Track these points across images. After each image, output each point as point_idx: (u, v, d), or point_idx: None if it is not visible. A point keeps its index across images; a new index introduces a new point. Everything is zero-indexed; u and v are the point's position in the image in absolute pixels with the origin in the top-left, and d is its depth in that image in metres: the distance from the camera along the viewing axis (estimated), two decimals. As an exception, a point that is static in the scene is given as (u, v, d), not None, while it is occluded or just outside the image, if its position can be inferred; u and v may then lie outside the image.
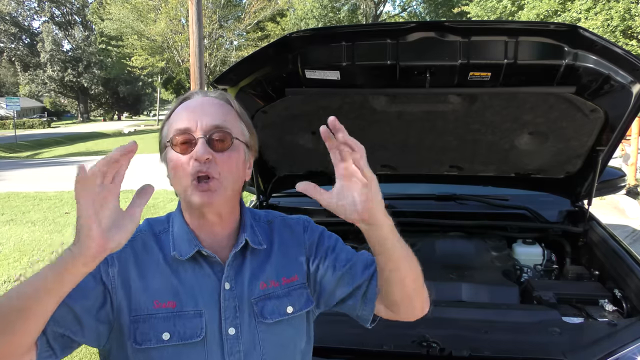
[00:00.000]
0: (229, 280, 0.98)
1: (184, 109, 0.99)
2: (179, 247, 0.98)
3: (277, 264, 1.04)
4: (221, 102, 1.01)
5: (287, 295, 1.03)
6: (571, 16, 12.79)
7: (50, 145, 24.91)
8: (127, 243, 0.90)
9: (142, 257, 0.98)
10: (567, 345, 1.45)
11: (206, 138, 0.93)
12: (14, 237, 6.47)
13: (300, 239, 1.10)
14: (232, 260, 0.99)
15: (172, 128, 0.97)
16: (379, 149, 2.24)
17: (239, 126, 1.00)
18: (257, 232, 1.05)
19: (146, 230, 1.02)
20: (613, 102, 1.78)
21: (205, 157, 0.91)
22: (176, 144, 0.95)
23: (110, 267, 0.94)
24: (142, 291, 0.94)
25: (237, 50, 26.55)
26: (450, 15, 27.47)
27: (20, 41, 51.12)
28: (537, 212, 2.37)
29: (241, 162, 0.99)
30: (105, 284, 0.93)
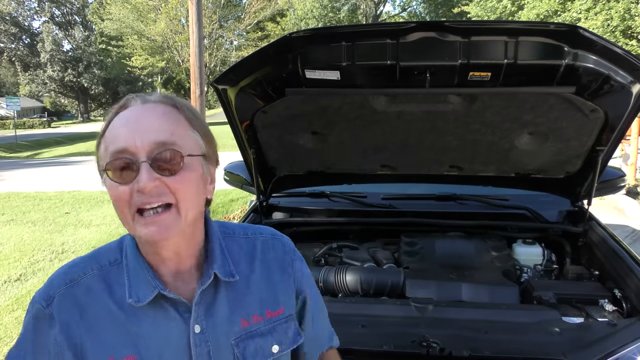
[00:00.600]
0: (198, 321, 0.83)
1: (119, 124, 0.79)
2: (136, 289, 0.82)
3: (259, 293, 0.90)
4: (166, 108, 0.81)
5: (271, 332, 0.89)
6: (571, 16, 12.79)
7: (51, 145, 24.91)
8: (67, 294, 0.82)
9: (88, 307, 0.82)
10: (567, 345, 1.44)
11: (150, 161, 0.75)
12: (14, 237, 6.48)
13: (289, 267, 0.96)
14: (200, 298, 0.84)
15: (108, 149, 0.78)
16: (379, 149, 2.24)
17: (191, 137, 0.81)
18: (228, 259, 0.89)
19: (90, 271, 0.84)
20: (613, 102, 1.78)
21: (152, 187, 0.75)
22: (114, 170, 0.76)
23: (51, 328, 0.80)
24: (93, 348, 0.80)
25: (237, 50, 26.58)
26: (450, 15, 27.47)
27: (20, 41, 51.10)
28: (537, 212, 2.37)
29: (199, 181, 0.82)
30: (50, 349, 0.80)
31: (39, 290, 0.85)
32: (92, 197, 8.99)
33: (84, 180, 11.06)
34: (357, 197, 2.56)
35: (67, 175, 12.37)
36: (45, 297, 0.82)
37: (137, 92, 6.52)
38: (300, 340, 0.93)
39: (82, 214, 7.70)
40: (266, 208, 2.54)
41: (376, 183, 2.54)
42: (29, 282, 4.83)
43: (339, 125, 2.11)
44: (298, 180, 2.50)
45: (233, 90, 1.90)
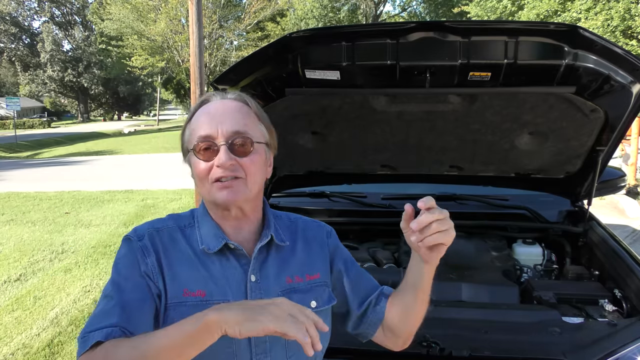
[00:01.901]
0: (254, 272, 1.01)
1: (204, 114, 1.01)
2: (207, 240, 1.01)
3: (300, 261, 1.08)
4: (240, 104, 1.02)
5: (310, 291, 1.06)
6: (571, 16, 12.79)
7: (50, 145, 24.91)
8: (154, 235, 1.02)
9: (170, 249, 1.00)
10: (567, 345, 1.44)
11: (228, 144, 0.96)
12: (14, 237, 6.48)
13: (324, 242, 1.15)
14: (258, 254, 1.02)
15: (194, 134, 0.99)
16: (379, 149, 2.24)
17: (258, 128, 1.03)
18: (279, 230, 1.09)
19: (171, 225, 1.05)
20: (613, 102, 1.78)
21: (229, 164, 0.95)
22: (199, 150, 0.98)
23: (148, 257, 0.98)
24: (172, 280, 0.97)
25: (237, 50, 26.57)
26: (450, 15, 27.47)
27: (20, 41, 51.13)
28: (537, 212, 2.37)
29: (263, 163, 1.03)
30: (148, 274, 0.96)
31: (126, 235, 1.02)
32: (92, 197, 8.99)
33: (84, 180, 11.08)
34: (357, 197, 2.56)
35: (67, 175, 12.37)
36: (136, 235, 1.01)
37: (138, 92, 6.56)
38: (333, 301, 1.10)
39: (82, 214, 7.71)
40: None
41: (376, 183, 2.54)
42: (29, 282, 4.83)
43: (339, 125, 2.11)
44: (298, 180, 2.50)
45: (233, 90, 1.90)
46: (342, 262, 1.16)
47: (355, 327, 1.15)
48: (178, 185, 9.71)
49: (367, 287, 1.16)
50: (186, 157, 1.04)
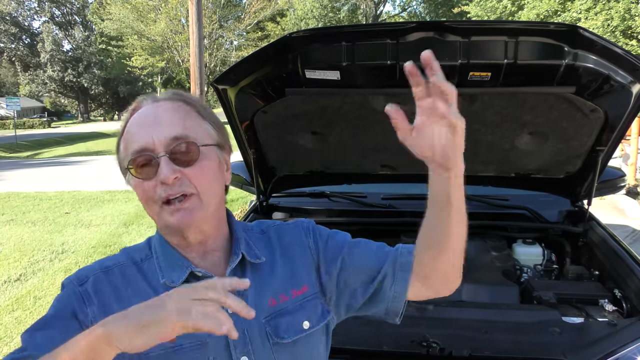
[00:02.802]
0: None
1: (135, 124, 0.84)
2: (168, 272, 0.86)
3: (283, 275, 0.93)
4: (176, 104, 0.86)
5: (300, 309, 0.91)
6: (571, 16, 12.80)
7: (50, 145, 24.91)
8: (101, 277, 0.85)
9: (123, 290, 0.85)
10: (567, 345, 1.44)
11: (168, 154, 0.80)
12: (14, 237, 6.48)
13: (303, 244, 0.98)
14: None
15: (128, 149, 0.83)
16: (379, 149, 2.24)
17: (203, 128, 0.86)
18: (252, 245, 0.93)
19: (124, 261, 0.89)
20: (613, 102, 1.78)
21: (173, 178, 0.79)
22: (136, 167, 0.81)
23: (88, 306, 0.82)
24: None
25: (237, 50, 26.57)
26: (450, 15, 27.48)
27: (20, 41, 51.11)
28: (537, 212, 2.37)
29: (216, 169, 0.87)
30: (86, 326, 0.78)
31: (67, 278, 0.87)
32: (92, 197, 8.99)
33: (84, 180, 11.07)
34: (357, 197, 2.56)
35: (67, 175, 12.36)
36: (77, 278, 0.86)
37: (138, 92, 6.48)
38: (328, 316, 0.94)
39: (82, 214, 7.70)
40: (266, 208, 2.54)
41: (376, 183, 2.54)
42: (29, 282, 4.83)
43: (339, 125, 2.11)
44: (298, 180, 2.50)
45: (233, 90, 1.90)
46: (330, 256, 0.96)
47: (379, 309, 0.96)
48: (178, 185, 9.69)
49: (370, 262, 0.95)
50: (126, 178, 0.86)
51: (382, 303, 0.95)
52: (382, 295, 0.94)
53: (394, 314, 0.95)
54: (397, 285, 0.93)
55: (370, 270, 0.95)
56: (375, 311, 0.97)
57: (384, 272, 0.94)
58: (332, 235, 1.00)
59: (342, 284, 0.96)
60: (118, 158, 0.87)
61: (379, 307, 0.95)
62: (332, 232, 1.02)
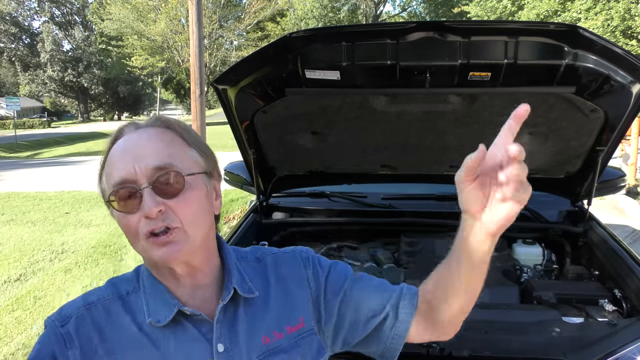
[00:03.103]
0: (222, 340, 0.81)
1: (116, 153, 0.80)
2: (155, 311, 0.81)
3: (277, 310, 0.88)
4: (159, 130, 0.82)
5: (295, 347, 0.87)
6: (571, 16, 12.79)
7: (50, 145, 24.90)
8: (84, 315, 0.81)
9: (107, 330, 0.80)
10: (567, 345, 1.44)
11: (151, 186, 0.76)
12: (14, 237, 6.48)
13: (301, 276, 0.94)
14: (222, 316, 0.83)
15: (109, 181, 0.79)
16: (379, 149, 2.24)
17: (188, 155, 0.82)
18: (245, 277, 0.89)
19: (109, 296, 0.84)
20: (613, 102, 1.78)
21: (157, 211, 0.75)
22: (118, 200, 0.77)
23: (70, 349, 0.78)
24: None
25: (237, 50, 26.57)
26: (450, 15, 27.47)
27: (20, 41, 51.10)
28: (537, 212, 2.37)
29: (203, 199, 0.82)
30: None
31: (49, 316, 0.83)
32: (92, 197, 8.99)
33: (84, 180, 11.06)
34: (357, 197, 2.56)
35: (67, 175, 12.36)
36: (60, 317, 0.82)
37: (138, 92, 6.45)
38: (325, 354, 0.91)
39: (82, 214, 7.70)
40: (266, 208, 2.54)
41: (376, 183, 2.54)
42: (29, 282, 4.83)
43: (339, 125, 2.11)
44: (298, 180, 2.50)
45: (233, 90, 1.90)
46: (331, 290, 0.93)
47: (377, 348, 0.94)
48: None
49: (373, 300, 0.92)
50: (110, 211, 0.81)
51: (381, 344, 0.92)
52: (382, 335, 0.92)
53: (390, 355, 0.93)
54: (399, 327, 0.91)
55: (372, 307, 0.92)
56: (373, 351, 0.95)
57: (386, 312, 0.91)
58: (333, 266, 0.97)
59: (342, 317, 0.93)
60: (100, 189, 0.83)
61: (377, 346, 0.93)
62: (332, 262, 0.98)
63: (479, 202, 0.72)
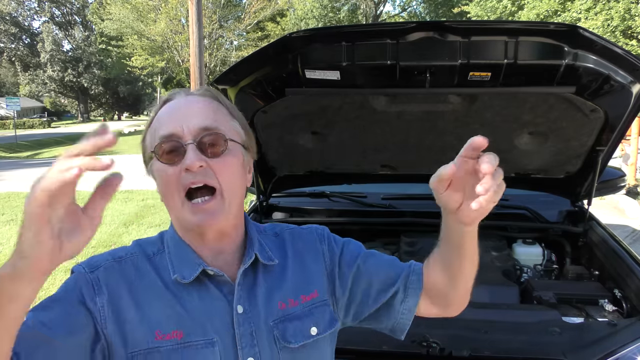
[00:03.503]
0: (241, 302, 0.86)
1: (166, 113, 0.86)
2: (180, 268, 0.85)
3: (293, 280, 0.93)
4: (208, 99, 0.88)
5: (309, 315, 0.91)
6: (571, 16, 12.79)
7: (50, 145, 24.90)
8: (114, 267, 0.85)
9: (135, 283, 0.84)
10: (567, 345, 1.44)
11: (196, 143, 0.81)
12: (14, 237, 6.47)
13: (317, 250, 0.98)
14: (243, 279, 0.88)
15: (155, 135, 0.84)
16: (379, 149, 2.24)
17: (231, 125, 0.88)
18: (265, 247, 0.94)
19: (136, 253, 0.89)
20: (613, 102, 1.78)
21: (198, 165, 0.79)
22: (162, 153, 0.82)
23: (98, 295, 0.81)
24: (139, 322, 0.81)
25: (237, 50, 26.54)
26: (450, 15, 27.46)
27: (20, 41, 51.11)
28: (537, 212, 2.37)
29: (240, 166, 0.87)
30: (94, 315, 0.79)
31: (77, 264, 0.86)
32: (92, 197, 8.98)
33: (84, 180, 11.05)
34: (357, 197, 2.56)
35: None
36: (89, 265, 0.85)
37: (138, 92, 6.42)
38: (336, 324, 0.95)
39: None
40: (266, 208, 2.54)
41: (376, 183, 2.54)
42: (29, 282, 4.83)
43: (339, 125, 2.11)
44: (298, 180, 2.50)
45: (233, 90, 1.90)
46: (345, 265, 0.98)
47: (388, 323, 0.97)
48: (178, 185, 9.71)
49: (384, 275, 0.96)
50: (149, 167, 0.87)
51: (391, 318, 0.96)
52: (392, 310, 0.95)
53: (400, 330, 0.97)
54: (408, 301, 0.95)
55: (384, 280, 0.96)
56: (383, 326, 0.98)
57: (397, 287, 0.95)
58: (347, 242, 1.02)
59: (355, 291, 0.97)
60: (142, 147, 0.88)
61: (387, 321, 0.97)
62: (346, 239, 1.03)
63: (453, 203, 0.79)
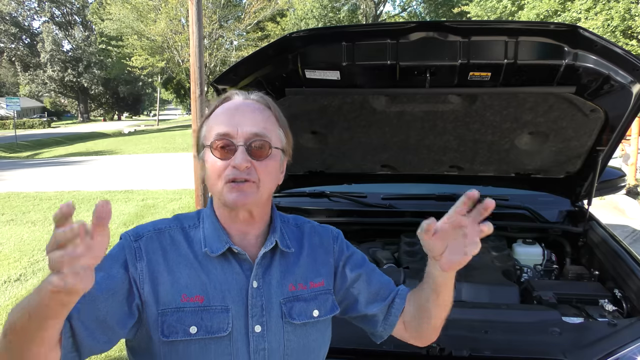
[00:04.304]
0: (257, 278, 1.00)
1: (224, 112, 0.99)
2: (210, 243, 1.00)
3: (305, 267, 1.07)
4: (261, 106, 1.02)
5: (313, 299, 1.05)
6: (571, 16, 12.80)
7: (50, 145, 24.90)
8: (154, 237, 1.00)
9: (170, 252, 0.99)
10: (567, 345, 1.45)
11: (246, 146, 0.95)
12: (14, 237, 6.48)
13: (329, 247, 1.13)
14: (261, 260, 1.01)
15: (212, 131, 0.98)
16: (379, 149, 2.24)
17: (277, 132, 1.02)
18: (285, 236, 1.08)
19: (174, 226, 1.04)
20: (613, 102, 1.78)
21: (245, 166, 0.94)
22: (216, 148, 0.96)
23: (139, 261, 0.96)
24: (170, 285, 0.96)
25: (237, 50, 26.52)
26: (450, 15, 27.47)
27: (20, 41, 51.09)
28: (537, 212, 2.37)
29: (278, 168, 1.03)
30: (134, 277, 0.95)
31: (125, 232, 1.01)
32: (92, 197, 8.99)
33: (84, 180, 11.07)
34: (357, 197, 2.56)
35: (67, 175, 12.36)
36: (134, 234, 1.00)
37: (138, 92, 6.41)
38: (336, 310, 1.09)
39: (82, 214, 7.70)
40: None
41: (376, 183, 2.54)
42: (28, 282, 4.83)
43: (339, 125, 2.11)
44: (298, 180, 2.50)
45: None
46: (349, 267, 1.13)
47: (369, 329, 1.15)
48: (178, 185, 9.71)
49: (378, 290, 1.13)
50: (200, 154, 1.02)
51: (372, 327, 1.14)
52: (375, 321, 1.13)
53: (379, 337, 1.15)
54: (389, 319, 1.12)
55: (376, 293, 1.13)
56: (365, 329, 1.17)
57: (384, 304, 1.12)
58: (355, 251, 1.18)
59: (350, 292, 1.12)
60: (198, 136, 1.03)
61: (369, 328, 1.15)
62: (355, 248, 1.19)
63: (436, 250, 0.92)
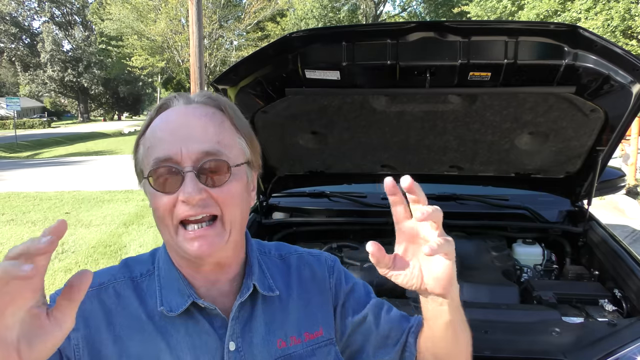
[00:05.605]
0: (234, 338, 0.77)
1: (163, 127, 0.75)
2: (168, 299, 0.77)
3: (296, 314, 0.84)
4: (210, 110, 0.76)
5: (310, 356, 0.82)
6: (571, 16, 12.80)
7: (50, 145, 24.91)
8: (93, 296, 0.76)
9: (116, 314, 0.76)
10: (567, 345, 1.44)
11: (196, 171, 0.71)
12: (14, 237, 6.48)
13: (324, 282, 0.90)
14: (238, 313, 0.79)
15: (150, 155, 0.74)
16: (379, 149, 2.24)
17: (237, 144, 0.77)
18: (267, 274, 0.85)
19: (121, 278, 0.80)
20: (613, 102, 1.78)
21: (198, 198, 0.70)
22: (156, 178, 0.72)
23: (73, 330, 0.68)
24: (117, 358, 0.74)
25: (237, 50, 26.54)
26: (450, 15, 27.48)
27: (20, 41, 51.11)
28: (537, 212, 2.37)
29: (244, 190, 0.78)
30: (66, 355, 0.72)
31: (54, 292, 0.74)
32: (92, 197, 8.99)
33: (84, 180, 11.07)
34: (357, 197, 2.56)
35: (67, 175, 12.36)
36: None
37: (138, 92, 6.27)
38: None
39: (82, 214, 7.70)
40: (266, 208, 2.54)
41: (376, 183, 2.54)
42: (29, 282, 4.83)
43: (339, 125, 2.11)
44: (298, 180, 2.50)
45: (233, 90, 1.90)
46: (352, 307, 0.89)
47: None
48: (178, 185, 9.70)
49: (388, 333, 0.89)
50: (141, 183, 0.77)
51: None
52: None
53: None
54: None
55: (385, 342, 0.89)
56: None
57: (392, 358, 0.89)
58: (356, 285, 0.93)
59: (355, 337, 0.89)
60: (135, 158, 0.79)
61: None
62: (355, 281, 0.94)
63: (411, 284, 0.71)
